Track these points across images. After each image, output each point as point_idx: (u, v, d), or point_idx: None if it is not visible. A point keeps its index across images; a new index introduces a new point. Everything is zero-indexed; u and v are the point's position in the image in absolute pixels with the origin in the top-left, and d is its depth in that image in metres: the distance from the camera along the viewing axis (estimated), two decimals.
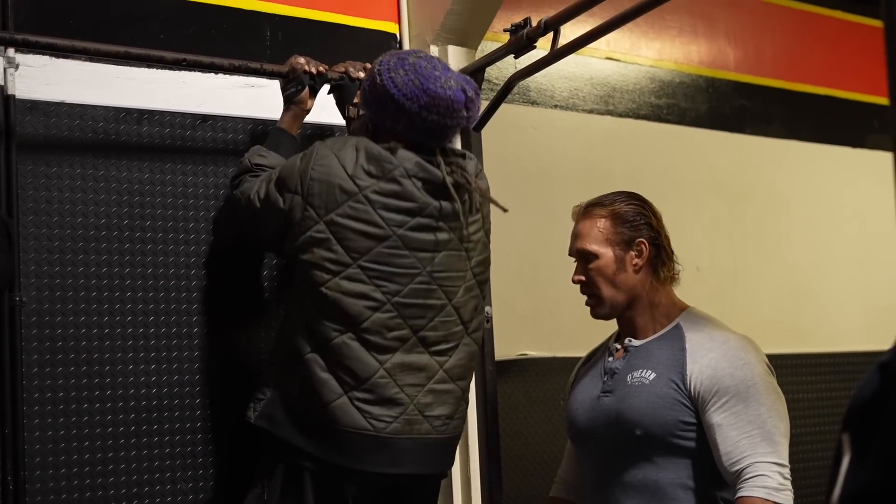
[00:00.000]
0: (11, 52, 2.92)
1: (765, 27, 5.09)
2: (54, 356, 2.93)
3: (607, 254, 2.96)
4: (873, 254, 5.21)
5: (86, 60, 3.05)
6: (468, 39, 3.71)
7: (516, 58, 3.48)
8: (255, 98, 3.33)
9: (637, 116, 4.54)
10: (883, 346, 1.24)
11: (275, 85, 3.20)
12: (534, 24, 3.27)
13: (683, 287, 3.03)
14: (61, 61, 3.02)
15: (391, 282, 2.81)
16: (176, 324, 3.12)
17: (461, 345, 2.95)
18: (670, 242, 3.01)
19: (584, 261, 3.00)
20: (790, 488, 2.72)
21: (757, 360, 2.84)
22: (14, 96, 2.92)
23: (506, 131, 3.90)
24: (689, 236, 3.05)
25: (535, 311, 4.06)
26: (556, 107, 4.30)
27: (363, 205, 2.77)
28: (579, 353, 3.23)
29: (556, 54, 3.32)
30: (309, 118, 3.21)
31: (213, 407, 3.14)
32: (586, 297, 3.02)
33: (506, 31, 3.38)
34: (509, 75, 3.56)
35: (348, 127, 3.24)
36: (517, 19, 3.31)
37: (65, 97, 3.02)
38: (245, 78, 3.30)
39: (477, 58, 3.68)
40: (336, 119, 3.30)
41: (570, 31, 3.32)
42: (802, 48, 5.23)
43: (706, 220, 4.51)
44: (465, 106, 2.80)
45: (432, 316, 2.88)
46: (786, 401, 2.82)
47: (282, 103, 3.16)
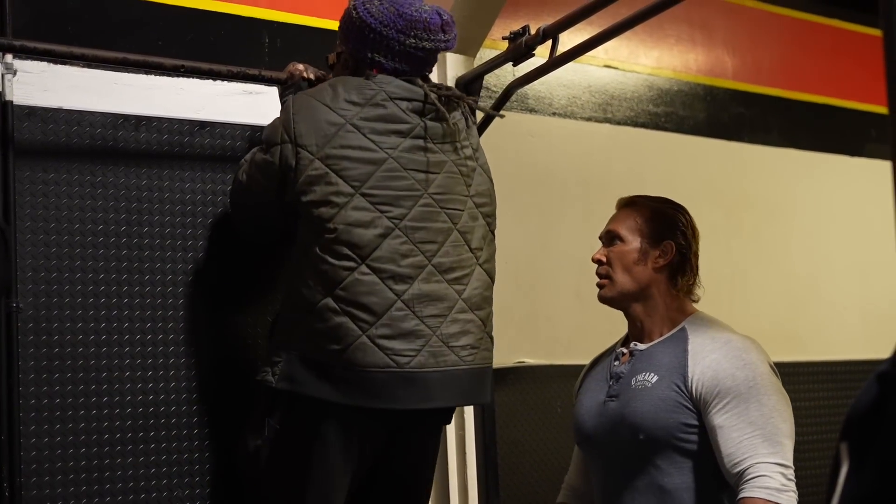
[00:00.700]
0: (9, 58, 2.91)
1: (763, 36, 5.09)
2: (51, 363, 2.92)
3: (634, 242, 2.99)
4: (872, 262, 5.21)
5: (84, 67, 3.05)
6: (467, 47, 3.71)
7: (515, 65, 3.48)
8: (253, 105, 3.33)
9: (635, 124, 4.54)
10: (881, 355, 1.24)
11: (273, 92, 3.20)
12: (532, 32, 3.27)
13: None
14: (59, 67, 3.02)
15: (395, 206, 2.78)
16: (173, 330, 3.11)
17: (474, 272, 2.90)
18: (698, 260, 3.02)
19: (610, 243, 3.03)
20: (793, 489, 2.71)
21: (759, 360, 2.84)
22: (12, 102, 2.91)
23: (504, 138, 3.90)
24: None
25: (533, 319, 4.05)
26: (554, 114, 4.30)
27: (353, 132, 2.78)
28: (577, 361, 3.23)
29: (555, 62, 3.33)
30: None
31: (209, 414, 3.13)
32: (599, 276, 3.04)
33: (504, 38, 3.38)
34: (508, 83, 3.57)
35: None
36: (516, 27, 3.31)
37: (63, 103, 3.02)
38: (243, 84, 3.30)
39: (475, 65, 3.68)
40: None
41: (568, 39, 3.32)
42: (801, 57, 5.24)
43: (704, 229, 4.48)
44: (442, 28, 2.87)
45: (442, 241, 2.84)
46: None
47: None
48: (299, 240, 2.85)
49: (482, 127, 3.55)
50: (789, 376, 4.62)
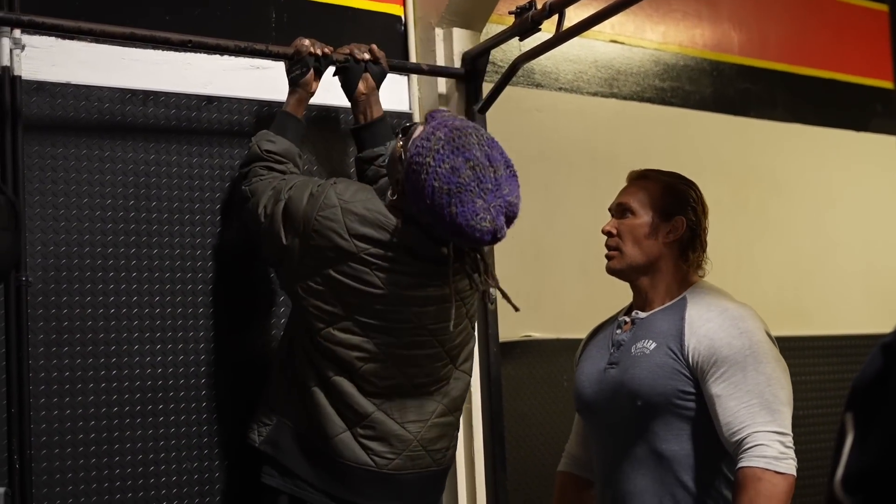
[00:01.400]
0: (17, 32, 2.92)
1: (769, 10, 5.08)
2: (60, 336, 2.94)
3: (645, 216, 2.99)
4: (877, 237, 5.21)
5: (92, 42, 3.05)
6: (473, 22, 3.71)
7: (521, 40, 3.48)
8: (260, 80, 3.33)
9: (641, 99, 4.54)
10: (885, 329, 1.25)
11: (280, 67, 3.20)
12: (539, 6, 3.27)
13: None
14: (67, 42, 3.03)
15: (386, 334, 2.82)
16: (181, 304, 3.13)
17: (452, 379, 2.98)
18: (706, 236, 3.03)
19: (621, 215, 3.03)
20: (792, 456, 2.72)
21: (756, 328, 2.84)
22: (20, 77, 2.91)
23: (510, 114, 3.90)
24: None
25: (539, 293, 4.06)
26: (560, 89, 4.30)
27: (360, 265, 2.76)
28: (583, 335, 3.24)
29: (561, 37, 3.33)
30: (314, 100, 3.21)
31: (218, 387, 3.15)
32: (608, 248, 3.04)
33: (511, 13, 3.38)
34: (514, 58, 3.57)
35: (354, 109, 3.24)
36: (522, 2, 3.31)
37: (70, 78, 3.03)
38: (250, 60, 3.30)
39: (482, 40, 3.68)
40: (341, 101, 3.30)
41: (574, 14, 3.32)
42: (807, 32, 5.23)
43: (710, 204, 4.48)
44: (491, 240, 2.68)
45: (426, 364, 2.90)
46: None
47: (287, 85, 3.15)
48: (294, 314, 2.97)
49: (487, 104, 3.56)
50: (794, 350, 4.64)
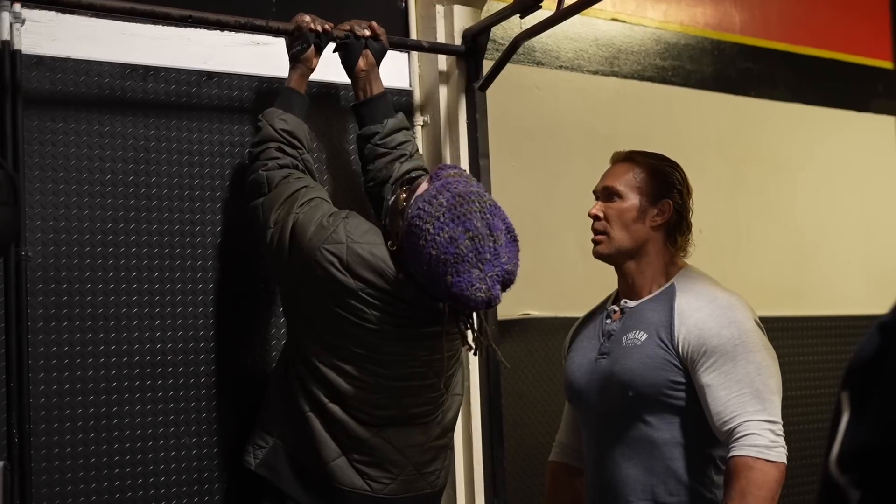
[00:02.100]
0: (18, 7, 2.91)
1: None
2: (59, 311, 2.94)
3: (633, 199, 2.98)
4: (876, 218, 5.21)
5: (92, 16, 3.04)
6: None
7: (522, 17, 3.48)
8: (260, 56, 3.33)
9: (642, 78, 4.53)
10: (883, 309, 1.25)
11: (280, 43, 3.20)
12: None
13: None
14: (67, 17, 3.02)
15: (382, 366, 2.84)
16: (181, 280, 3.13)
17: (445, 406, 3.00)
18: (691, 216, 3.03)
19: (607, 199, 3.02)
20: (783, 444, 2.74)
21: (745, 318, 2.85)
22: (20, 51, 2.90)
23: (510, 91, 3.90)
24: (692, 198, 3.07)
25: (538, 271, 4.06)
26: (561, 67, 4.29)
27: (358, 303, 2.78)
28: (581, 314, 3.24)
29: (562, 14, 3.32)
30: (314, 76, 3.20)
31: (217, 362, 3.16)
32: (595, 232, 3.03)
33: None
34: (515, 35, 3.56)
35: (354, 86, 3.24)
36: None
37: (70, 53, 3.02)
38: (251, 35, 3.29)
39: (483, 17, 3.67)
40: (341, 77, 3.30)
41: None
42: (808, 11, 5.21)
43: (709, 183, 4.50)
44: (486, 307, 2.68)
45: (423, 394, 2.92)
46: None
47: (287, 61, 3.15)
48: (290, 332, 3.02)
49: (487, 81, 3.55)
50: (793, 330, 4.65)
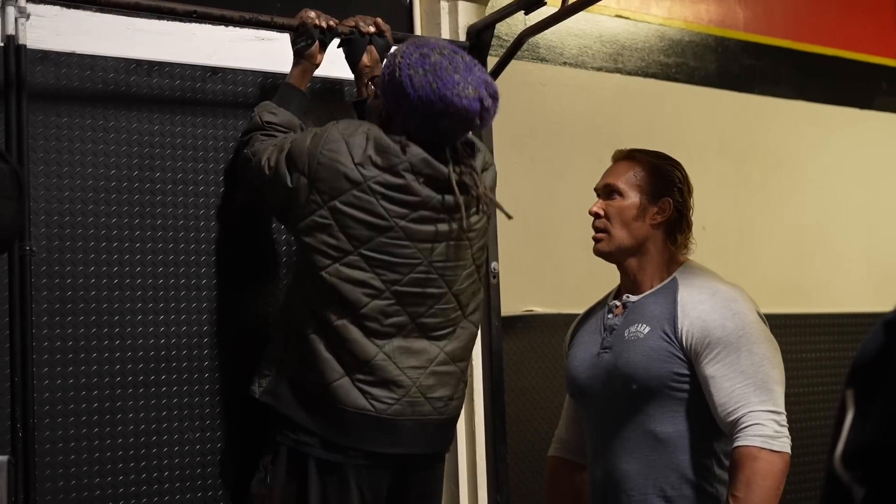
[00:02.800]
0: (23, 1, 2.91)
1: None
2: (63, 305, 2.95)
3: (633, 198, 2.99)
4: (879, 215, 5.21)
5: (97, 11, 3.04)
6: None
7: (526, 14, 3.48)
8: (264, 51, 3.33)
9: (646, 75, 4.53)
10: (887, 307, 1.25)
11: (285, 39, 3.20)
12: None
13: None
14: (72, 12, 3.02)
15: (391, 271, 2.83)
16: (185, 275, 3.13)
17: (459, 328, 2.99)
18: (692, 215, 3.03)
19: (608, 197, 3.02)
20: (787, 434, 2.76)
21: (747, 310, 2.87)
22: (25, 46, 2.91)
23: (515, 88, 3.90)
24: (696, 195, 3.06)
25: (542, 268, 4.07)
26: (565, 64, 4.29)
27: (367, 195, 2.79)
28: (585, 310, 3.24)
29: (566, 11, 3.33)
30: (318, 72, 3.21)
31: (220, 357, 3.16)
32: (595, 230, 3.04)
33: None
34: (519, 31, 3.57)
35: (358, 82, 3.24)
36: None
37: (75, 48, 3.02)
38: (255, 31, 3.29)
39: (487, 13, 3.68)
40: (345, 74, 3.30)
41: None
42: (812, 8, 5.21)
43: (713, 180, 4.50)
44: (480, 115, 2.79)
45: (432, 304, 2.91)
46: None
47: (291, 57, 3.15)
48: (299, 263, 2.99)
49: (492, 76, 3.55)
50: (796, 328, 4.65)
